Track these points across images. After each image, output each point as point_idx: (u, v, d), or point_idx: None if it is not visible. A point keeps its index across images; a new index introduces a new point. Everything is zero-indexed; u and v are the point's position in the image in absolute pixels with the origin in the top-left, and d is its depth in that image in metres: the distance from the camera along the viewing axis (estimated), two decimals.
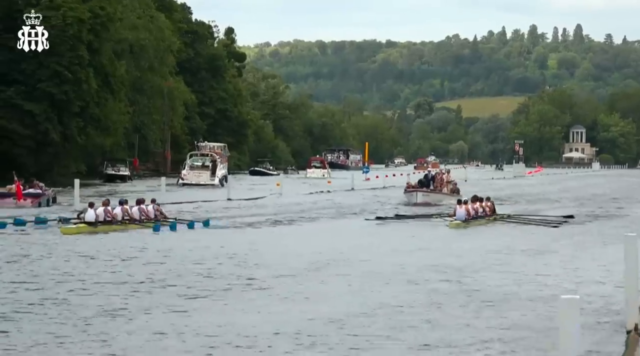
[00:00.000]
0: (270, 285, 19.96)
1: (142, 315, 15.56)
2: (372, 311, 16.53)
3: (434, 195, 55.53)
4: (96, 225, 32.04)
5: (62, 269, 21.62)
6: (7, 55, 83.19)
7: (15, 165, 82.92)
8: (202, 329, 14.64)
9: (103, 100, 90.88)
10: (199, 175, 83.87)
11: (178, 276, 21.05)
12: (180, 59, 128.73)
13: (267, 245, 29.31)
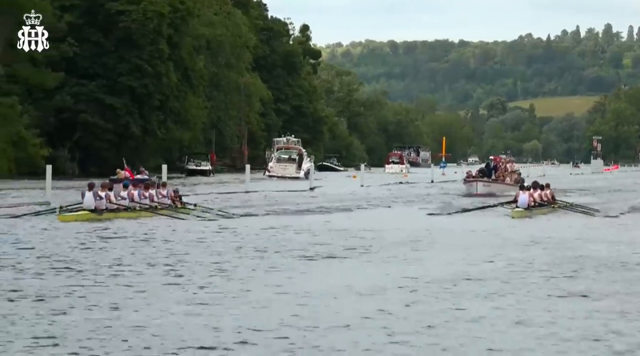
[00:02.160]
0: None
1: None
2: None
3: (496, 185, 51.37)
4: (101, 213, 28.28)
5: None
6: (89, 50, 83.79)
7: (98, 158, 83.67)
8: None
9: (183, 94, 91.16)
10: (285, 168, 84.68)
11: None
12: (256, 55, 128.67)
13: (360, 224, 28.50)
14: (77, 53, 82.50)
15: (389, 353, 10.20)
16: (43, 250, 19.56)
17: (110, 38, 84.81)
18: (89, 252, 19.43)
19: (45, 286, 14.02)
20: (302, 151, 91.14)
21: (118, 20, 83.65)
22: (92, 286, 14.25)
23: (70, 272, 15.96)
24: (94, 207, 28.09)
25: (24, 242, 21.29)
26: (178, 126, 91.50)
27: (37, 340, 10.32)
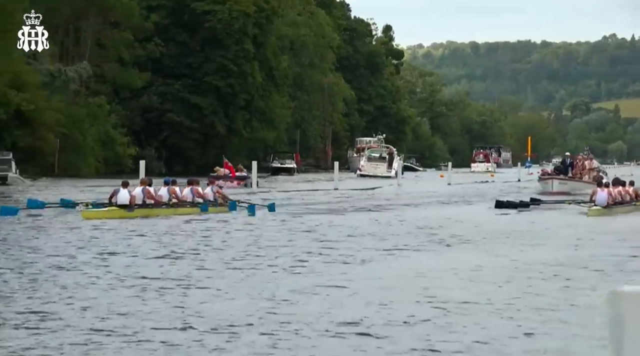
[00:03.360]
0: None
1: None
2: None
3: (573, 183, 48.11)
4: (132, 209, 26.22)
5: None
6: (175, 50, 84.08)
7: (184, 157, 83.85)
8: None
9: (267, 94, 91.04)
10: (377, 167, 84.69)
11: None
12: (339, 55, 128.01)
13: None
14: (163, 53, 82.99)
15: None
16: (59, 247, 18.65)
17: (196, 38, 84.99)
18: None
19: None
20: (393, 150, 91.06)
21: (204, 20, 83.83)
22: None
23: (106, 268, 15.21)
24: (128, 202, 26.20)
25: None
26: (263, 125, 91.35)
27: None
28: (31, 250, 16.54)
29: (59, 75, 72.59)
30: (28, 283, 12.41)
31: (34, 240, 18.93)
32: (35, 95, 64.79)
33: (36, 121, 64.58)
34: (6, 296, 11.21)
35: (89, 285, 12.41)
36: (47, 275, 13.18)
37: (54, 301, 10.93)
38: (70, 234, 20.65)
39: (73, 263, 14.73)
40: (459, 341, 9.48)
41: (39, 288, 11.92)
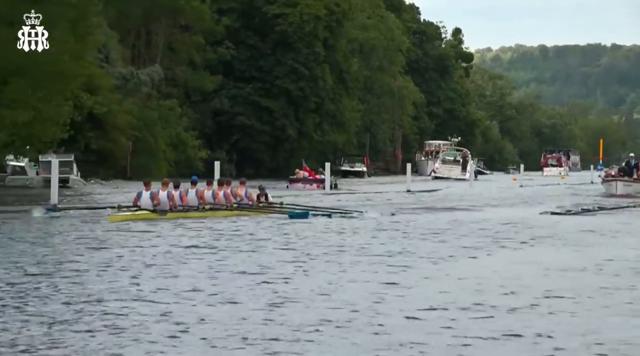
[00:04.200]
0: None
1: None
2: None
3: (637, 185, 45.75)
4: (164, 213, 24.28)
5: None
6: (245, 53, 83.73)
7: (254, 160, 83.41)
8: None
9: (338, 97, 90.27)
10: (451, 169, 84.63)
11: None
12: (409, 58, 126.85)
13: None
14: (234, 56, 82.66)
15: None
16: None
17: (266, 41, 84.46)
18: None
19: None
20: (467, 153, 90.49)
21: (275, 23, 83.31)
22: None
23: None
24: (152, 207, 24.31)
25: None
26: (333, 128, 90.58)
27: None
28: (62, 254, 15.54)
29: (131, 78, 72.53)
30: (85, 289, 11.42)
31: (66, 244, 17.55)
32: (108, 98, 64.71)
33: (109, 124, 64.53)
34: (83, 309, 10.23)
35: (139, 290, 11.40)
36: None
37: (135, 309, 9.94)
38: (98, 237, 18.89)
39: (99, 265, 13.73)
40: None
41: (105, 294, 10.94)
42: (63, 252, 15.76)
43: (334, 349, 8.45)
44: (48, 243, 17.34)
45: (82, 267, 13.55)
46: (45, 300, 10.49)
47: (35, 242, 17.37)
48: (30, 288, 11.28)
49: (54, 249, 16.15)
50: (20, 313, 9.60)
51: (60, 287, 11.45)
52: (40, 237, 18.68)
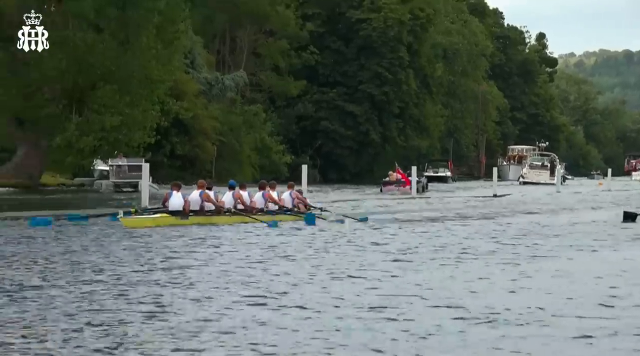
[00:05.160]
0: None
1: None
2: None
3: None
4: (187, 217, 21.99)
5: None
6: (330, 58, 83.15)
7: (338, 165, 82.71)
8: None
9: (422, 102, 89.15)
10: (539, 174, 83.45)
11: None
12: (492, 63, 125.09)
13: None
14: (319, 61, 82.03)
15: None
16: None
17: (350, 46, 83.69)
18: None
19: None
20: (555, 158, 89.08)
21: (359, 28, 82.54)
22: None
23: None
24: (182, 208, 22.08)
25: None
26: (416, 133, 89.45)
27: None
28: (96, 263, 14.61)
29: (216, 84, 72.46)
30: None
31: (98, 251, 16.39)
32: (193, 103, 64.60)
33: (194, 129, 64.38)
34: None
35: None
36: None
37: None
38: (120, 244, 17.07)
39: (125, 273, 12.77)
40: None
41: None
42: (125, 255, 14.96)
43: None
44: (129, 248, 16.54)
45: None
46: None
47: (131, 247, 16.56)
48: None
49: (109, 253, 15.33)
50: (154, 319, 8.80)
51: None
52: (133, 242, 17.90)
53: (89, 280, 11.46)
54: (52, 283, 11.16)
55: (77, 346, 7.74)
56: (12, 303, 9.60)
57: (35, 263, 13.28)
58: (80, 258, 13.97)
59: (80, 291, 10.47)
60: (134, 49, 49.44)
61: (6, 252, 14.75)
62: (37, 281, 11.33)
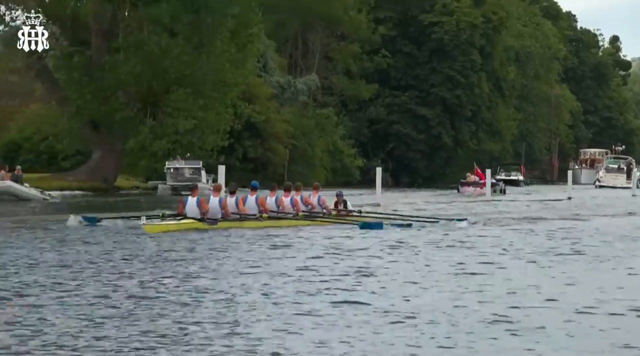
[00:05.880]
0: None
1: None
2: None
3: None
4: (215, 222, 20.28)
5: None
6: (401, 61, 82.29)
7: (410, 169, 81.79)
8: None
9: (494, 105, 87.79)
10: (615, 178, 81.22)
11: None
12: (565, 66, 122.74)
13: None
14: (390, 64, 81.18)
15: None
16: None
17: (422, 49, 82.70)
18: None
19: None
20: (632, 161, 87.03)
21: (431, 31, 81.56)
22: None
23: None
24: (200, 215, 20.33)
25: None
26: (489, 137, 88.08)
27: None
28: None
29: (288, 87, 72.13)
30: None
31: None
32: (266, 107, 64.30)
33: (266, 132, 64.07)
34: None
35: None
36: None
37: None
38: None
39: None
40: None
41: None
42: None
43: None
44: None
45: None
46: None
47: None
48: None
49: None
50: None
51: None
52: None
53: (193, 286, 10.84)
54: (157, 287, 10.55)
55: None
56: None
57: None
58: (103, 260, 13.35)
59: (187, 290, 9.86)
60: (208, 52, 49.32)
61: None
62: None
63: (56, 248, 15.22)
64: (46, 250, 14.84)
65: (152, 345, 7.55)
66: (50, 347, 7.41)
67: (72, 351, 7.28)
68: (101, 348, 7.39)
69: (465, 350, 7.71)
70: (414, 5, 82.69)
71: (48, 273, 11.79)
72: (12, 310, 8.84)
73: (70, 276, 11.57)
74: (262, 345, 7.73)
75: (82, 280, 11.24)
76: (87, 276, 11.61)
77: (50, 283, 10.81)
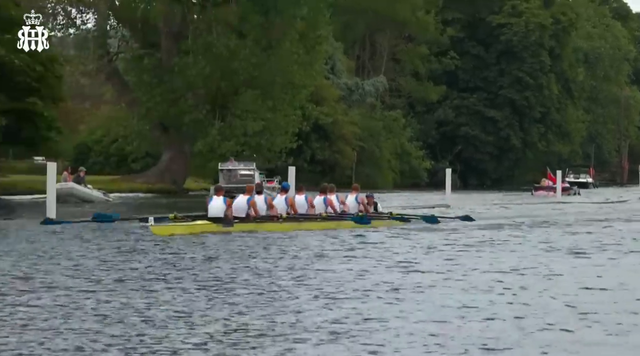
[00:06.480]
0: None
1: None
2: None
3: None
4: (231, 223, 18.50)
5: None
6: (470, 63, 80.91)
7: (478, 171, 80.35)
8: None
9: (563, 107, 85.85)
10: None
11: None
12: (635, 67, 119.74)
13: None
14: (458, 66, 79.82)
15: None
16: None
17: (491, 51, 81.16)
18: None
19: None
20: None
21: (499, 33, 80.00)
22: None
23: None
24: (224, 215, 18.64)
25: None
26: (558, 139, 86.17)
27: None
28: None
29: (356, 89, 71.23)
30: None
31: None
32: (334, 109, 63.44)
33: (334, 134, 63.19)
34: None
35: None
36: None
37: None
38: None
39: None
40: None
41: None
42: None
43: None
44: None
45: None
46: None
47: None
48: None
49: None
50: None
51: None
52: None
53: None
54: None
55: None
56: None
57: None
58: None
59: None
60: (277, 54, 48.63)
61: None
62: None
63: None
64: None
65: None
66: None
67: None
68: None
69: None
70: (482, 7, 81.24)
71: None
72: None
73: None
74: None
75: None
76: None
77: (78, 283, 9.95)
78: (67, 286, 10.16)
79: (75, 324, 7.90)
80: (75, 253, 13.78)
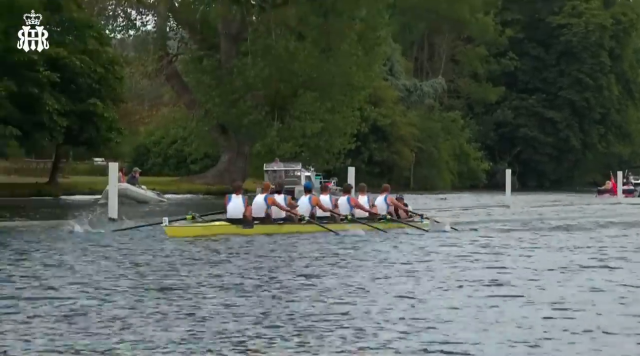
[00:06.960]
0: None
1: None
2: None
3: None
4: (251, 225, 17.38)
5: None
6: (529, 64, 79.59)
7: (537, 172, 78.96)
8: None
9: (624, 108, 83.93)
10: None
11: None
12: None
13: None
14: (518, 67, 78.53)
15: None
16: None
17: (550, 51, 79.64)
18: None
19: None
20: None
21: (559, 33, 78.51)
22: None
23: None
24: (243, 215, 17.55)
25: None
26: (618, 140, 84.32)
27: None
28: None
29: (414, 90, 70.31)
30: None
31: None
32: (392, 110, 62.61)
33: (392, 135, 62.36)
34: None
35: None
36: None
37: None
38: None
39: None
40: None
41: None
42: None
43: None
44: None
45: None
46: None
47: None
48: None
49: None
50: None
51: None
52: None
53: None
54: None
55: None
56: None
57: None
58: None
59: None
60: (335, 55, 47.91)
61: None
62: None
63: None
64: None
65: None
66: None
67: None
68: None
69: None
70: (541, 8, 79.77)
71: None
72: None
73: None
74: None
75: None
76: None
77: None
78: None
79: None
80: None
